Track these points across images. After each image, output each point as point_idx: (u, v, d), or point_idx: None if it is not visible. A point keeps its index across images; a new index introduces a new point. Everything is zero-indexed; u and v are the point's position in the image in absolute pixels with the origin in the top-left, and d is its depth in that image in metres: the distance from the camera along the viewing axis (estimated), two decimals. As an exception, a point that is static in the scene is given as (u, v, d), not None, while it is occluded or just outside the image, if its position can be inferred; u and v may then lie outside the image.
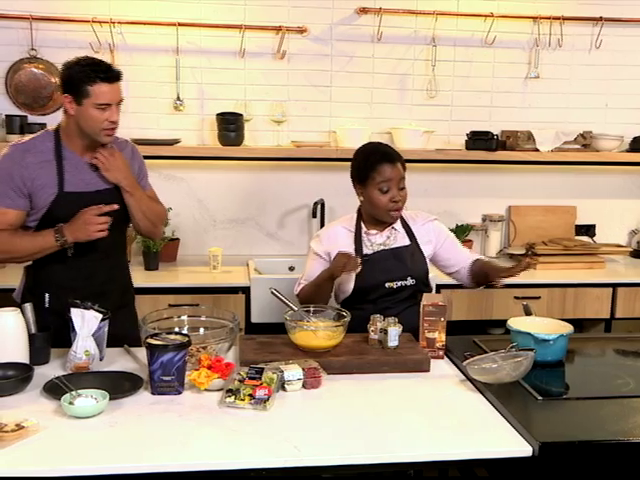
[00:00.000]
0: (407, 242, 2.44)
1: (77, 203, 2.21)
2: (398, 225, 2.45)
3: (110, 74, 2.17)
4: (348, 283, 2.40)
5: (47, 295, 2.29)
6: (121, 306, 2.36)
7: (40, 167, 2.21)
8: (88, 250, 2.27)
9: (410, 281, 2.40)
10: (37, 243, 2.21)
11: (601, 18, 3.72)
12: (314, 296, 2.40)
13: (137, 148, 2.49)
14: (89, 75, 2.13)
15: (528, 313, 2.31)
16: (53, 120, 3.42)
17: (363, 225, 2.46)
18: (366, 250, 2.42)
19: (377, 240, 2.44)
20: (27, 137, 2.31)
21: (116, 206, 2.22)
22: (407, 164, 3.41)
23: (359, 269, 2.29)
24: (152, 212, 2.40)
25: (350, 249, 2.39)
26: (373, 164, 2.36)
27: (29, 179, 2.19)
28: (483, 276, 2.44)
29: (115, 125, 2.22)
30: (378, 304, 2.40)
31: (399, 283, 2.40)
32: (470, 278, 2.51)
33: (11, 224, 2.22)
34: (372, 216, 2.44)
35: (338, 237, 2.45)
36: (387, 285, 2.39)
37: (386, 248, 2.43)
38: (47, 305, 2.28)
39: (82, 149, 2.27)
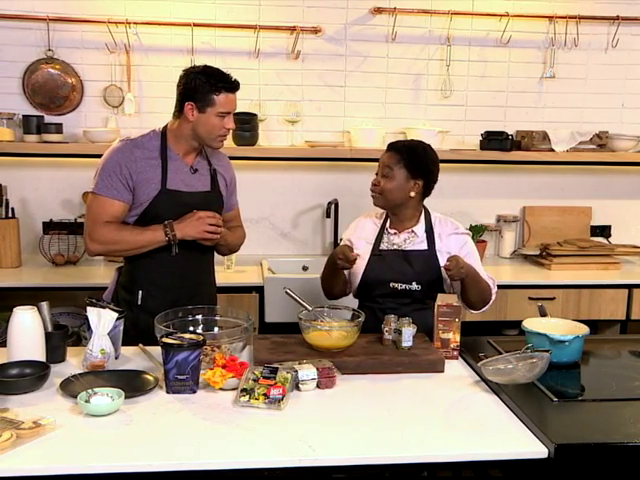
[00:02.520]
0: (424, 247, 2.42)
1: (176, 201, 2.30)
2: (420, 230, 2.43)
3: (233, 85, 2.28)
4: (356, 275, 2.43)
5: (140, 292, 2.34)
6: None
7: (147, 163, 2.30)
8: (188, 250, 2.34)
9: (415, 286, 2.38)
10: (146, 236, 2.28)
11: (618, 17, 3.69)
12: (325, 277, 2.52)
13: (230, 162, 2.59)
14: (216, 85, 2.24)
15: (543, 314, 2.30)
16: (70, 120, 3.47)
17: (388, 222, 2.48)
18: (383, 247, 2.44)
19: (394, 240, 2.45)
20: (136, 134, 2.40)
21: (219, 215, 2.33)
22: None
23: (349, 266, 2.34)
24: (235, 244, 2.56)
25: (370, 243, 2.45)
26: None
27: (136, 172, 2.28)
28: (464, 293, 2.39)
29: (228, 132, 2.34)
30: (384, 303, 2.40)
31: (403, 286, 2.39)
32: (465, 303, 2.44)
33: (116, 216, 2.30)
34: (390, 213, 2.48)
35: (365, 228, 2.51)
36: (391, 285, 2.39)
37: (399, 249, 2.43)
38: (139, 302, 2.34)
39: (185, 152, 2.36)
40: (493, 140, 3.59)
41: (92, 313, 2.05)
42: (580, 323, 2.23)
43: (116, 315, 2.06)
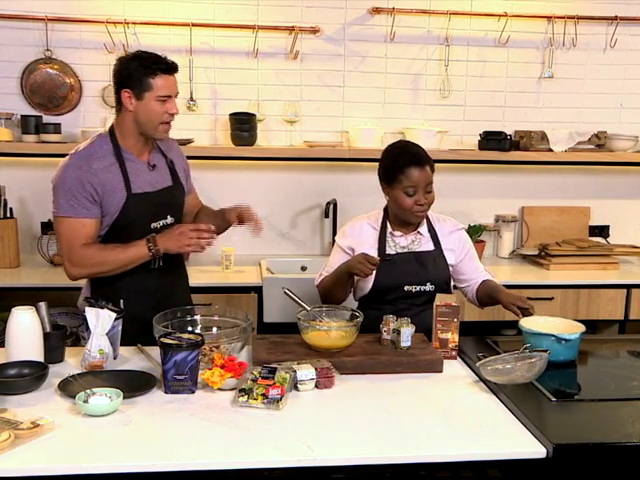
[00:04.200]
0: (431, 247, 2.43)
1: (145, 203, 2.23)
2: (424, 230, 2.43)
3: (169, 66, 2.19)
4: (366, 281, 2.39)
5: (122, 301, 2.24)
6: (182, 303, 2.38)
7: (107, 171, 2.19)
8: (171, 259, 2.30)
9: (429, 287, 2.39)
10: (130, 254, 2.18)
11: (616, 17, 3.69)
12: (332, 289, 2.42)
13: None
14: (150, 68, 2.14)
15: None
16: (68, 120, 3.46)
17: (389, 225, 2.44)
18: (389, 250, 2.41)
19: (401, 242, 2.42)
20: (83, 143, 2.26)
21: (213, 227, 2.23)
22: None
23: (372, 273, 2.29)
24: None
25: (374, 247, 2.40)
26: (401, 167, 2.31)
27: (99, 185, 2.17)
28: (487, 298, 2.44)
29: (172, 118, 2.23)
30: (395, 305, 2.39)
31: (418, 287, 2.38)
32: (476, 297, 2.51)
33: (90, 235, 2.20)
34: (397, 216, 2.42)
35: (363, 233, 2.44)
36: (406, 288, 2.38)
37: (409, 251, 2.41)
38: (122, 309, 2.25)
39: (138, 149, 2.27)
40: (492, 140, 3.59)
41: (90, 313, 2.05)
42: (573, 321, 2.24)
43: (114, 315, 2.06)
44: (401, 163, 2.32)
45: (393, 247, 2.42)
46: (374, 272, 2.32)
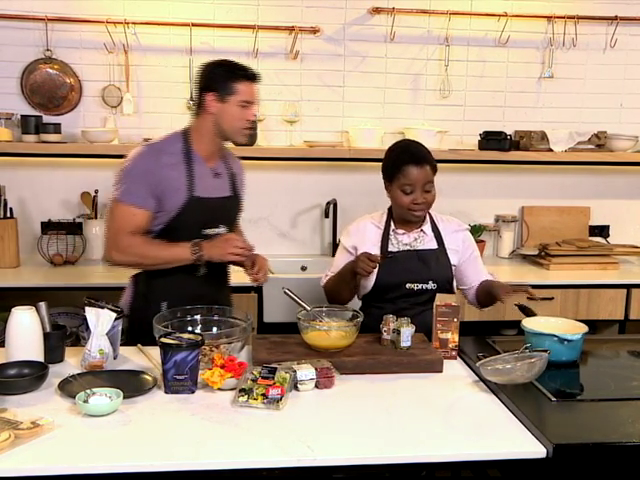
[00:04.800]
0: (434, 246, 2.43)
1: (203, 208, 2.25)
2: (427, 228, 2.44)
3: (254, 73, 2.26)
4: (369, 279, 2.40)
5: (164, 304, 2.26)
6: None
7: (173, 169, 2.22)
8: (217, 266, 2.31)
9: (431, 285, 2.38)
10: (172, 253, 2.21)
11: (616, 17, 3.69)
12: (337, 289, 2.44)
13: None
14: (236, 74, 2.22)
15: (530, 313, 2.30)
16: (68, 120, 3.46)
17: (392, 223, 2.45)
18: (392, 248, 2.42)
19: (404, 240, 2.43)
20: (156, 138, 2.33)
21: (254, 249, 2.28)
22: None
23: (373, 271, 2.30)
24: None
25: (376, 245, 2.41)
26: (399, 165, 2.33)
27: (163, 179, 2.20)
28: (484, 295, 2.44)
29: (251, 125, 2.28)
30: (397, 304, 2.39)
31: (420, 286, 2.39)
32: (475, 298, 2.51)
33: (141, 226, 2.22)
34: (399, 214, 2.43)
35: (366, 232, 2.46)
36: (407, 286, 2.38)
37: (411, 249, 2.41)
38: (164, 314, 2.24)
39: (208, 154, 2.30)
40: (492, 140, 3.59)
41: (90, 313, 2.05)
42: (576, 321, 2.24)
43: (114, 315, 2.06)
44: (400, 161, 2.34)
45: (396, 245, 2.42)
46: (376, 270, 2.32)
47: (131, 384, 1.88)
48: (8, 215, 3.32)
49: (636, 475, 1.67)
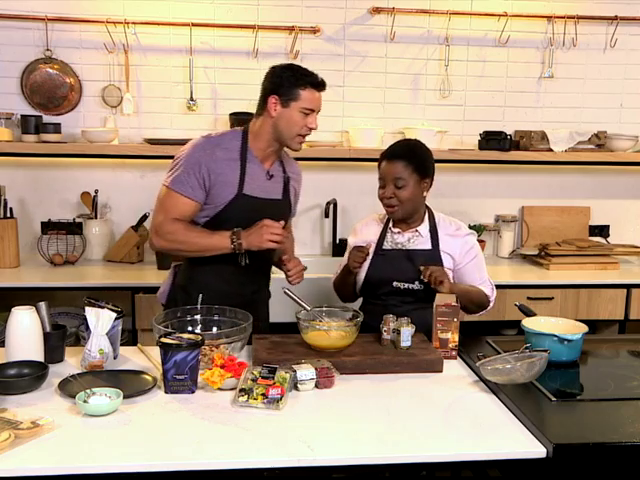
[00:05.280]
0: (427, 247, 2.42)
1: (250, 207, 2.25)
2: (424, 229, 2.43)
3: (320, 82, 2.24)
4: (360, 274, 2.44)
5: (201, 295, 2.26)
6: (263, 315, 2.42)
7: (226, 164, 2.24)
8: (259, 261, 2.30)
9: (417, 285, 2.38)
10: (212, 241, 2.22)
11: (616, 17, 3.70)
12: (339, 287, 2.56)
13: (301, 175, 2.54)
14: (302, 80, 2.20)
15: (530, 313, 2.30)
16: (68, 120, 3.46)
17: (391, 222, 2.47)
18: (386, 246, 2.45)
19: (398, 239, 2.44)
20: (216, 132, 2.35)
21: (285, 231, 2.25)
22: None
23: (364, 264, 2.37)
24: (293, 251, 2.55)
25: (373, 242, 2.45)
26: (379, 159, 2.41)
27: (215, 173, 2.21)
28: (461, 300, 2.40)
29: (310, 133, 2.27)
30: (386, 301, 2.41)
31: (406, 285, 2.39)
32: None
33: (187, 215, 2.24)
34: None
35: (369, 230, 2.51)
36: (395, 284, 2.40)
37: (403, 248, 2.42)
38: (199, 306, 2.26)
39: (264, 155, 2.31)
40: (492, 140, 3.59)
41: (90, 313, 2.05)
42: (576, 321, 2.24)
43: (114, 315, 2.06)
44: (381, 156, 2.41)
45: (390, 242, 2.45)
46: (367, 265, 2.39)
47: (131, 384, 1.88)
48: (8, 215, 3.32)
49: (636, 475, 1.67)
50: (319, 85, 2.24)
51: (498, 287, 3.29)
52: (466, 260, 2.43)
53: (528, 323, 2.20)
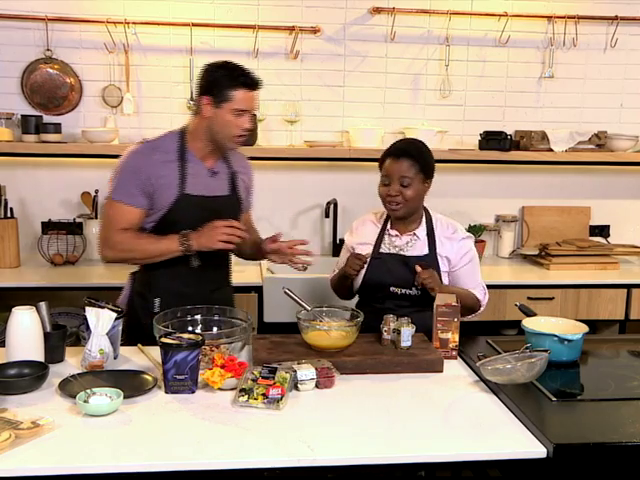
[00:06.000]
0: (425, 252, 2.41)
1: (196, 207, 2.23)
2: (421, 232, 2.43)
3: (253, 81, 2.20)
4: (357, 278, 2.44)
5: (157, 300, 2.27)
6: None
7: (165, 166, 2.23)
8: (206, 258, 2.28)
9: (414, 291, 2.37)
10: (161, 245, 2.22)
11: (617, 17, 3.69)
12: (336, 287, 2.59)
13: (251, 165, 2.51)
14: (234, 80, 2.16)
15: (531, 313, 2.30)
16: (68, 120, 3.46)
17: (389, 224, 2.47)
18: (383, 249, 2.44)
19: (395, 242, 2.44)
20: (154, 136, 2.32)
21: (243, 227, 2.23)
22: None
23: (361, 271, 2.37)
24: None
25: (371, 244, 2.45)
26: (383, 157, 2.39)
27: (155, 176, 2.20)
28: None
29: (246, 134, 2.24)
30: (384, 304, 2.41)
31: (403, 290, 2.39)
32: None
33: (133, 223, 2.24)
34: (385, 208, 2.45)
35: (366, 231, 2.50)
36: (391, 289, 2.40)
37: (400, 253, 2.42)
38: (156, 310, 2.27)
39: (204, 154, 2.28)
40: (492, 140, 3.59)
41: (91, 313, 2.05)
42: (576, 321, 2.24)
43: (115, 315, 2.06)
44: (384, 154, 2.40)
45: (387, 246, 2.44)
46: (364, 269, 2.38)
47: (131, 384, 1.88)
48: (8, 215, 3.32)
49: (637, 475, 1.67)
50: (252, 85, 2.20)
51: (498, 287, 3.32)
52: (462, 264, 2.43)
53: (528, 323, 2.20)
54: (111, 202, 2.24)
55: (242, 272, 3.35)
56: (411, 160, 2.33)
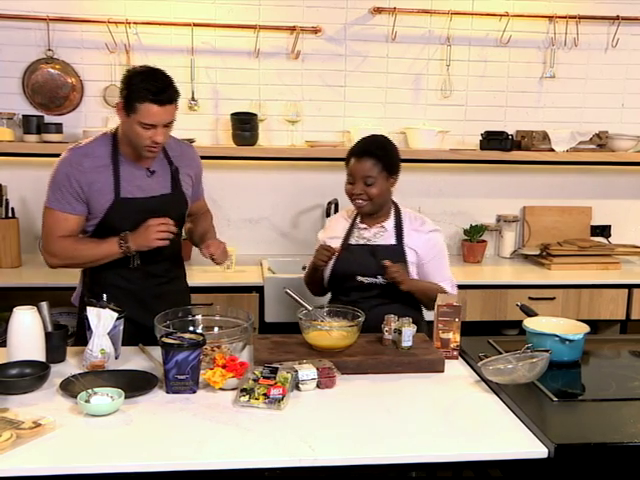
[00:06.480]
0: (392, 242, 2.45)
1: (132, 209, 2.22)
2: (389, 224, 2.47)
3: (161, 97, 2.09)
4: (326, 269, 2.48)
5: (105, 296, 2.25)
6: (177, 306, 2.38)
7: (97, 172, 2.20)
8: (151, 257, 2.28)
9: (380, 279, 2.40)
10: (101, 250, 2.22)
11: (618, 17, 3.69)
12: (308, 282, 2.63)
13: (195, 150, 2.49)
14: (140, 92, 2.08)
15: (532, 313, 2.30)
16: (69, 120, 3.47)
17: (359, 218, 2.52)
18: (352, 241, 2.49)
19: (364, 234, 2.49)
20: (85, 140, 2.29)
21: (172, 222, 2.22)
22: (420, 164, 3.40)
23: (329, 262, 2.40)
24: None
25: (341, 238, 2.50)
26: (348, 156, 2.45)
27: (86, 184, 2.18)
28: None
29: (158, 146, 2.18)
30: (351, 296, 2.44)
31: (369, 279, 2.41)
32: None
33: (71, 230, 2.24)
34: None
35: (337, 226, 2.56)
36: (358, 279, 2.42)
37: (368, 243, 2.46)
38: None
39: (136, 155, 2.24)
40: (493, 140, 3.59)
41: (92, 313, 2.05)
42: (577, 321, 2.24)
43: (116, 315, 2.06)
44: (349, 153, 2.46)
45: (356, 238, 2.49)
46: (332, 260, 2.43)
47: (132, 384, 1.88)
48: (10, 215, 3.32)
49: (638, 475, 1.67)
50: (159, 101, 2.08)
51: (500, 287, 3.32)
52: (430, 256, 2.45)
53: (529, 323, 2.20)
54: (48, 210, 2.24)
55: (243, 272, 3.36)
56: (374, 159, 2.37)
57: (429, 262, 2.45)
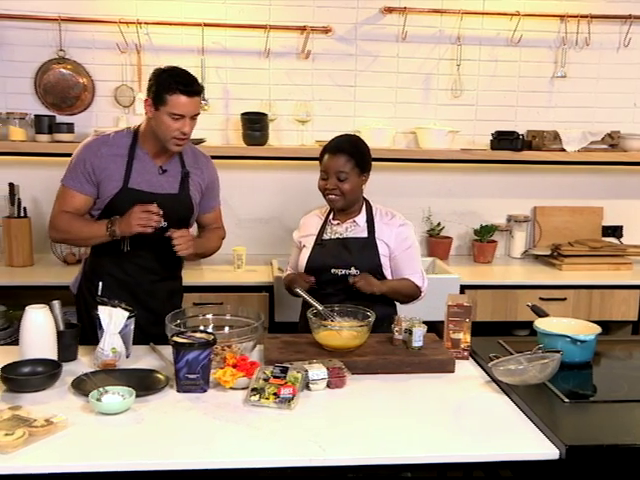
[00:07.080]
0: (364, 235, 2.48)
1: (137, 200, 2.30)
2: (361, 219, 2.50)
3: (190, 88, 2.26)
4: (301, 264, 2.51)
5: (100, 284, 2.35)
6: (168, 306, 2.40)
7: (111, 160, 2.34)
8: (143, 247, 2.37)
9: (354, 271, 2.42)
10: (91, 229, 2.34)
11: (630, 16, 3.67)
12: (288, 289, 2.58)
13: (213, 164, 2.56)
14: (170, 85, 2.23)
15: (543, 314, 2.29)
16: (81, 120, 3.48)
17: (332, 214, 2.56)
18: (325, 236, 2.53)
19: (337, 229, 2.52)
20: (109, 130, 2.44)
21: (160, 211, 2.27)
22: (430, 164, 3.39)
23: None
24: (207, 249, 2.56)
25: (314, 234, 2.54)
26: (322, 152, 2.50)
27: (99, 168, 2.32)
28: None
29: (185, 137, 2.30)
30: (325, 290, 2.45)
31: (342, 271, 2.43)
32: None
33: (77, 208, 2.36)
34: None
35: (311, 225, 2.61)
36: (332, 271, 2.45)
37: (340, 237, 2.50)
38: (100, 293, 2.32)
39: (155, 152, 2.37)
40: (504, 140, 3.58)
41: (103, 312, 2.06)
42: (589, 322, 2.23)
43: (127, 314, 2.07)
44: (323, 149, 2.51)
45: (329, 233, 2.53)
46: (307, 256, 2.49)
47: (143, 383, 1.89)
48: (22, 214, 3.35)
49: (650, 477, 1.66)
50: (189, 92, 2.25)
51: (510, 287, 3.31)
52: (400, 249, 2.48)
53: (541, 324, 2.19)
54: (62, 186, 2.38)
55: (253, 272, 3.37)
56: (347, 156, 2.42)
57: (400, 255, 2.49)
